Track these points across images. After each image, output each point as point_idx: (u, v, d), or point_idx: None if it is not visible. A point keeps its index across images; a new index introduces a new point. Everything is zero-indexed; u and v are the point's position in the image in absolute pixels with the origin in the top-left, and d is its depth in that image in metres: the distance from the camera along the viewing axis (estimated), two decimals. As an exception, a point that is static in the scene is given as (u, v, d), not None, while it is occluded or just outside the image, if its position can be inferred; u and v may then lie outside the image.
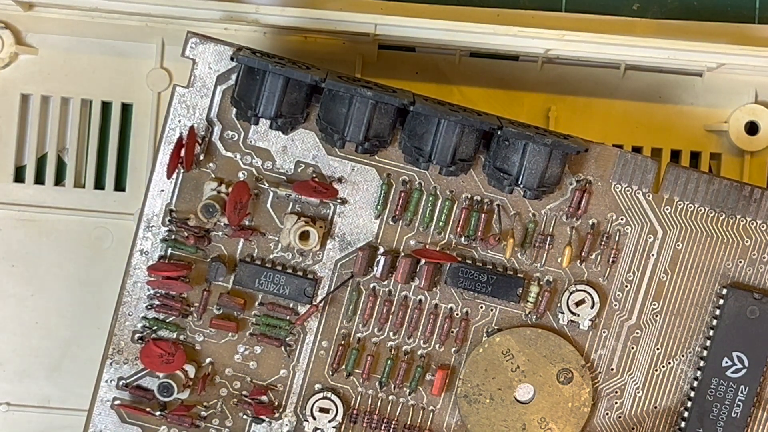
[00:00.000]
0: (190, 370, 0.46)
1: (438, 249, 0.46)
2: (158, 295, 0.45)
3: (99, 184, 0.53)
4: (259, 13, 0.49)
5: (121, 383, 0.46)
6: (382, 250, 0.46)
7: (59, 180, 0.53)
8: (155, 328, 0.46)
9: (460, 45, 0.52)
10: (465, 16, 0.53)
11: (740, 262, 0.46)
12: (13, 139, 0.53)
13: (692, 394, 0.46)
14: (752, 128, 0.54)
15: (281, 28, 0.51)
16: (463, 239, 0.46)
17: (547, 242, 0.46)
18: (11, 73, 0.53)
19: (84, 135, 0.53)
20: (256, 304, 0.46)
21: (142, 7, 0.50)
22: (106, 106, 0.53)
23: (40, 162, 0.53)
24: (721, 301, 0.46)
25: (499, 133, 0.44)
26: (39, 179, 0.53)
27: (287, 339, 0.46)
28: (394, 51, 0.54)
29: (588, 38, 0.50)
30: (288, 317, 0.46)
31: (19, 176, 0.53)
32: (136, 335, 0.46)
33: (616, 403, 0.47)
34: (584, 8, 0.56)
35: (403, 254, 0.46)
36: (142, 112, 0.53)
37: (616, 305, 0.46)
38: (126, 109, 0.54)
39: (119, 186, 0.53)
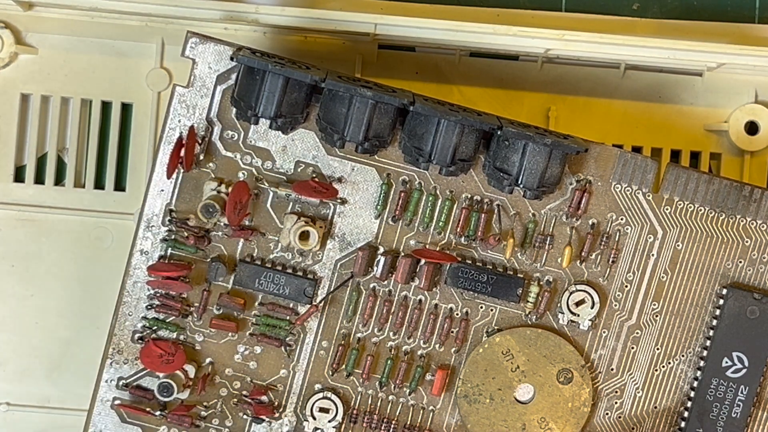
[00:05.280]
0: (190, 370, 0.46)
1: (438, 249, 0.46)
2: (158, 295, 0.45)
3: (99, 184, 0.53)
4: (259, 13, 0.49)
5: (121, 383, 0.46)
6: (382, 250, 0.46)
7: (59, 180, 0.53)
8: (155, 328, 0.46)
9: (460, 45, 0.52)
10: (465, 16, 0.53)
11: (740, 262, 0.46)
12: (13, 139, 0.53)
13: (692, 394, 0.46)
14: (752, 128, 0.54)
15: (281, 28, 0.51)
16: (463, 239, 0.46)
17: (547, 242, 0.46)
18: (11, 73, 0.53)
19: (84, 135, 0.53)
20: (256, 304, 0.46)
21: (142, 7, 0.50)
22: (106, 106, 0.53)
23: (40, 162, 0.53)
24: (721, 301, 0.46)
25: (499, 133, 0.44)
26: (39, 179, 0.53)
27: (287, 339, 0.46)
28: (394, 51, 0.54)
29: (588, 38, 0.50)
30: (288, 317, 0.46)
31: (19, 176, 0.53)
32: (136, 335, 0.46)
33: (616, 403, 0.47)
34: (584, 8, 0.56)
35: (403, 254, 0.46)
36: (142, 112, 0.53)
37: (616, 305, 0.46)
38: (126, 109, 0.53)
39: (119, 186, 0.53)
